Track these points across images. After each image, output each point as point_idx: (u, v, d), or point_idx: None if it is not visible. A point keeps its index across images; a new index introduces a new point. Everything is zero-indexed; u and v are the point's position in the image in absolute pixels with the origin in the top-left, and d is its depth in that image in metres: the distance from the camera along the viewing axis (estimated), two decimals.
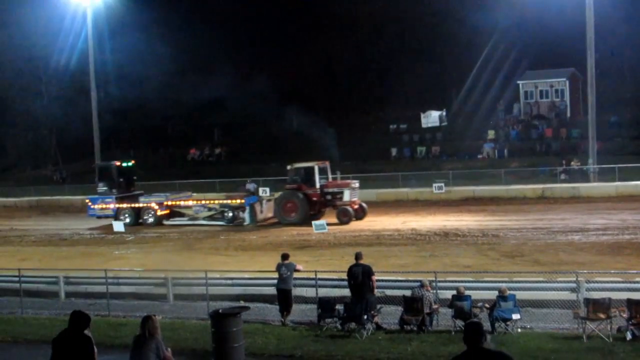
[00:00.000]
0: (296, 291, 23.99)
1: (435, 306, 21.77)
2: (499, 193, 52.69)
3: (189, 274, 28.07)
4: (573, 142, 66.19)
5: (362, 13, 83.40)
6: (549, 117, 73.65)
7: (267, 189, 50.58)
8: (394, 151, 73.11)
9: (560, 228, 38.05)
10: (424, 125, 72.79)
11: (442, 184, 53.00)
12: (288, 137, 78.31)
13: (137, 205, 49.22)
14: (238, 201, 47.18)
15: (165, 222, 48.39)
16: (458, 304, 21.24)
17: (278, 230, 43.44)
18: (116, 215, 48.96)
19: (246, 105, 78.74)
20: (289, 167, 46.94)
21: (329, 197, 45.96)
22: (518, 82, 76.29)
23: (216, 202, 47.96)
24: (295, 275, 23.68)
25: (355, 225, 43.60)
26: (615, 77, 74.65)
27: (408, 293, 22.04)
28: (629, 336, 19.30)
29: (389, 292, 23.60)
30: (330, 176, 47.29)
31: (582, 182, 52.87)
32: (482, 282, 24.09)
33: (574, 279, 22.70)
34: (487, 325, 20.23)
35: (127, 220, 48.31)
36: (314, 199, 45.66)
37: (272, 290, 23.96)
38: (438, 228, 40.27)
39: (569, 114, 74.38)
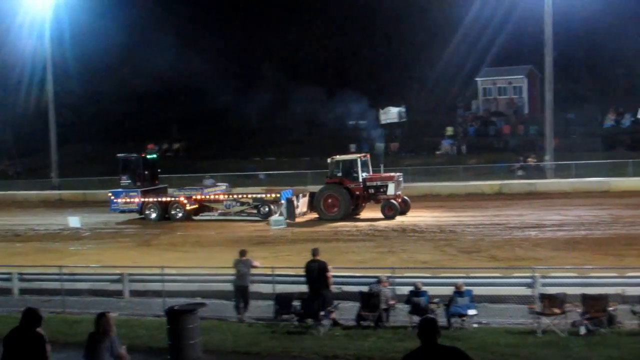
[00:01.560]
0: (253, 287, 23.83)
1: (392, 302, 21.75)
2: (457, 189, 52.91)
3: (146, 270, 27.86)
4: (530, 138, 66.72)
5: (323, 8, 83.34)
6: (507, 114, 74.16)
7: (225, 184, 50.14)
8: (352, 147, 73.07)
9: (516, 224, 38.31)
10: (382, 122, 72.90)
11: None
12: (248, 133, 78.17)
13: (164, 199, 47.43)
14: (273, 195, 45.41)
15: (195, 217, 46.76)
16: (415, 299, 21.24)
17: (235, 226, 43.16)
18: (141, 210, 47.37)
19: (205, 101, 78.41)
20: (329, 160, 45.26)
21: (372, 190, 43.82)
22: (477, 79, 76.72)
23: (249, 196, 46.24)
24: (253, 271, 23.55)
25: (311, 221, 43.51)
26: (573, 75, 75.27)
27: (365, 289, 22.02)
28: (583, 331, 19.42)
29: (346, 288, 23.53)
30: (370, 169, 45.37)
31: (539, 179, 53.27)
32: (439, 277, 24.12)
33: (530, 274, 22.80)
34: (443, 321, 20.29)
35: (154, 215, 46.89)
36: (357, 193, 43.72)
37: (230, 287, 23.79)
38: (396, 224, 40.38)
39: (526, 111, 74.98)
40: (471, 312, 20.79)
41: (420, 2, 79.11)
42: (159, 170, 51.25)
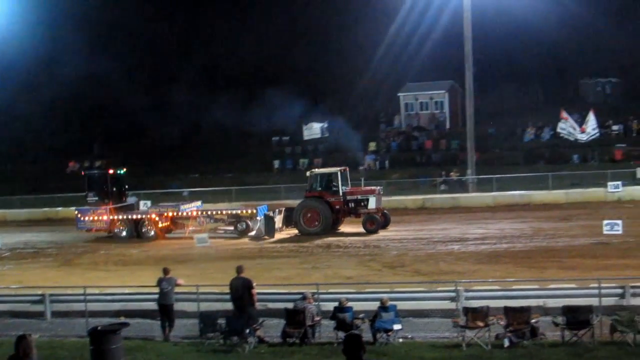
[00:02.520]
0: (178, 306, 23.66)
1: (317, 318, 21.77)
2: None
3: (68, 290, 27.42)
4: (452, 153, 67.43)
5: (244, 22, 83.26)
6: (429, 129, 74.85)
7: (149, 202, 49.49)
8: (276, 163, 73.23)
9: (440, 238, 38.61)
10: (306, 137, 73.03)
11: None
12: (170, 150, 77.66)
13: (134, 216, 45.33)
14: (249, 212, 43.98)
15: (168, 235, 44.79)
16: (340, 315, 21.28)
17: (159, 244, 42.74)
18: (110, 228, 45.50)
19: (127, 117, 77.68)
20: (308, 174, 44.75)
21: (352, 204, 42.97)
22: (399, 94, 77.34)
23: (224, 212, 44.98)
24: (177, 289, 23.38)
25: (237, 239, 43.27)
26: (493, 90, 76.36)
27: (290, 306, 21.99)
28: (506, 343, 19.66)
29: (271, 305, 23.50)
30: (349, 183, 44.71)
31: (461, 193, 53.81)
32: (364, 293, 24.23)
33: (454, 288, 23.04)
34: (369, 336, 20.34)
35: (124, 233, 44.82)
36: (337, 207, 42.76)
37: (154, 306, 23.59)
38: (320, 240, 40.37)
39: (448, 126, 75.77)
40: (396, 327, 20.89)
41: (343, 18, 79.65)
42: (126, 187, 49.52)
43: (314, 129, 70.53)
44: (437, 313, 22.78)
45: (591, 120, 54.83)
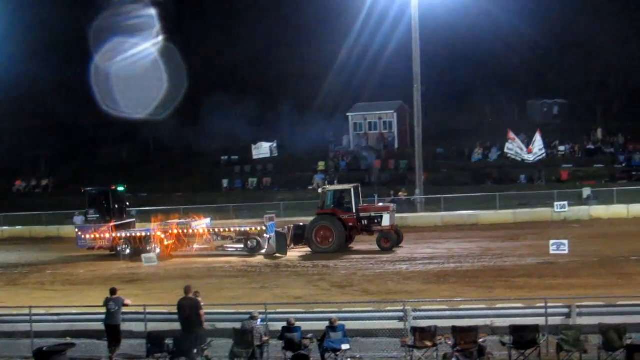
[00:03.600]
0: (125, 326, 23.45)
1: (265, 338, 21.69)
2: None
3: (13, 310, 27.00)
4: (401, 173, 67.70)
5: (196, 44, 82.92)
6: (378, 149, 75.10)
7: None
8: (225, 182, 73.05)
9: (388, 258, 38.71)
10: (255, 157, 72.96)
11: (274, 215, 53.01)
12: (118, 168, 77.08)
13: (138, 234, 44.31)
14: (258, 229, 42.86)
15: (174, 254, 43.47)
16: (288, 335, 21.24)
17: (107, 264, 42.29)
18: (112, 246, 44.39)
19: (75, 136, 77.07)
20: (320, 191, 44.04)
21: (365, 221, 42.10)
22: (348, 114, 77.57)
23: (232, 230, 43.87)
24: (124, 309, 23.17)
25: (184, 258, 42.91)
26: (441, 110, 76.92)
27: (238, 325, 21.88)
28: None
29: (219, 325, 23.33)
30: (361, 199, 43.74)
31: (409, 212, 53.95)
32: (312, 312, 24.16)
33: (402, 307, 23.06)
34: (317, 356, 20.31)
35: (127, 251, 43.77)
36: (350, 224, 41.92)
37: (101, 326, 23.34)
38: (270, 260, 40.28)
39: (396, 146, 76.08)
40: (344, 346, 20.87)
41: (293, 38, 79.82)
42: (127, 204, 48.70)
43: (263, 149, 70.50)
44: (385, 333, 22.77)
45: (538, 141, 55.49)
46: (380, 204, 44.30)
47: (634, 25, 74.16)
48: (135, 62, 72.55)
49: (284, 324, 21.70)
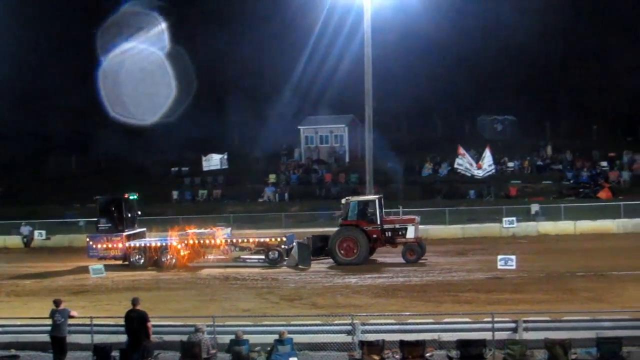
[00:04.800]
0: (71, 338, 23.18)
1: (212, 351, 21.58)
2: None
3: None
4: (351, 186, 67.80)
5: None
6: (329, 162, 75.24)
7: (44, 232, 48.34)
8: (175, 194, 72.65)
9: (337, 271, 38.74)
10: (205, 169, 72.67)
11: (223, 226, 52.80)
12: (66, 178, 76.44)
13: (153, 244, 43.49)
14: (278, 240, 42.19)
15: (191, 265, 42.64)
16: (236, 348, 21.17)
17: (54, 275, 41.78)
18: (125, 256, 43.30)
19: (25, 145, 76.26)
20: (343, 201, 43.24)
21: (389, 233, 41.64)
22: (299, 127, 77.63)
23: (250, 241, 42.94)
24: (70, 321, 22.90)
25: (133, 269, 42.55)
26: (392, 124, 77.30)
27: (186, 338, 21.76)
28: None
29: (166, 338, 23.22)
30: (383, 211, 42.89)
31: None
32: (261, 325, 24.08)
33: (350, 321, 23.07)
34: None
35: (142, 261, 42.82)
36: (374, 235, 41.35)
37: (46, 338, 23.05)
38: (218, 272, 40.11)
39: (347, 159, 76.27)
40: None
41: (241, 49, 79.73)
42: (138, 213, 47.58)
43: (213, 160, 70.23)
44: (333, 346, 22.75)
45: (487, 157, 55.88)
46: (405, 217, 43.66)
47: (582, 45, 75.24)
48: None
49: (232, 336, 21.62)
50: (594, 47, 75.04)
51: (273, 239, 42.45)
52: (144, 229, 46.94)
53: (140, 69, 74.09)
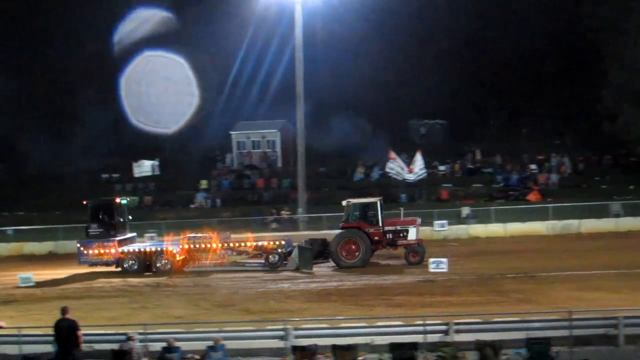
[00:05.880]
0: None
1: (144, 359, 21.40)
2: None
3: None
4: (284, 191, 67.79)
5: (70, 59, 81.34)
6: (261, 167, 75.11)
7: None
8: None
9: (270, 277, 38.69)
10: (136, 175, 72.12)
11: (154, 234, 52.33)
12: None
13: (147, 249, 42.54)
14: (276, 243, 41.63)
15: (187, 269, 41.97)
16: (168, 356, 21.03)
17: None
18: (118, 262, 42.17)
19: None
20: (344, 204, 42.34)
21: (390, 235, 41.22)
22: (231, 132, 77.36)
23: (248, 244, 42.18)
24: None
25: (62, 277, 41.96)
26: (324, 129, 77.41)
27: (117, 347, 21.54)
28: None
29: (97, 347, 22.96)
30: (383, 213, 42.19)
31: (292, 231, 53.87)
32: (193, 332, 23.94)
33: (283, 326, 23.06)
34: None
35: (135, 267, 41.80)
36: (376, 238, 40.84)
37: None
38: (150, 279, 39.78)
39: (280, 165, 76.22)
40: None
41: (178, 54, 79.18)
42: (130, 218, 46.46)
43: (144, 167, 69.77)
44: (266, 352, 22.74)
45: (418, 161, 56.43)
46: (406, 218, 43.29)
47: (510, 49, 76.19)
48: None
49: (164, 344, 21.46)
50: (523, 51, 75.98)
51: (271, 243, 42.05)
52: (135, 234, 46.20)
53: None
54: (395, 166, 57.13)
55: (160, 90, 75.62)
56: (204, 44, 72.92)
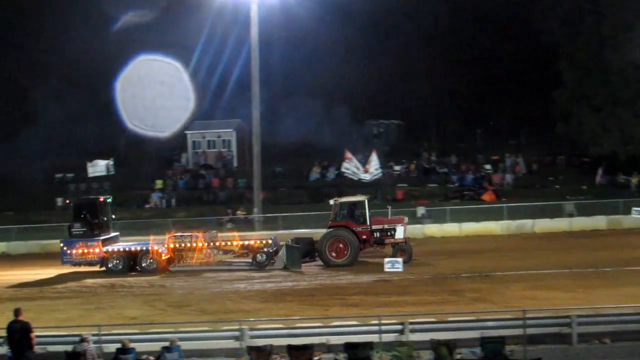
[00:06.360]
0: None
1: None
2: None
3: None
4: (239, 191, 67.66)
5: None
6: (217, 167, 74.88)
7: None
8: (59, 201, 71.16)
9: (226, 277, 38.58)
10: (90, 175, 71.55)
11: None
12: None
13: (132, 248, 42.05)
14: (263, 242, 41.59)
15: (173, 269, 41.34)
16: (122, 357, 20.89)
17: None
18: (103, 262, 41.60)
19: None
20: (332, 202, 42.33)
21: (377, 234, 41.18)
22: (186, 132, 77.03)
23: (234, 243, 42.13)
24: None
25: (16, 278, 41.48)
26: (279, 129, 77.33)
27: (70, 348, 21.37)
28: None
29: (51, 348, 22.76)
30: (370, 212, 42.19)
31: (247, 231, 53.82)
32: (148, 333, 23.82)
33: (238, 327, 23.02)
34: None
35: (120, 267, 41.38)
36: (364, 236, 40.88)
37: None
38: (105, 280, 39.50)
39: (235, 164, 76.06)
40: None
41: (131, 55, 78.67)
42: (113, 217, 46.02)
43: (98, 166, 69.27)
44: (221, 353, 22.69)
45: (374, 161, 56.58)
46: (394, 217, 43.13)
47: (463, 50, 76.75)
48: None
49: (119, 345, 21.33)
50: (478, 52, 76.53)
51: (258, 242, 41.96)
52: (117, 233, 45.78)
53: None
54: (351, 166, 57.24)
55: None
56: (160, 43, 72.46)
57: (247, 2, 52.93)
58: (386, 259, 36.66)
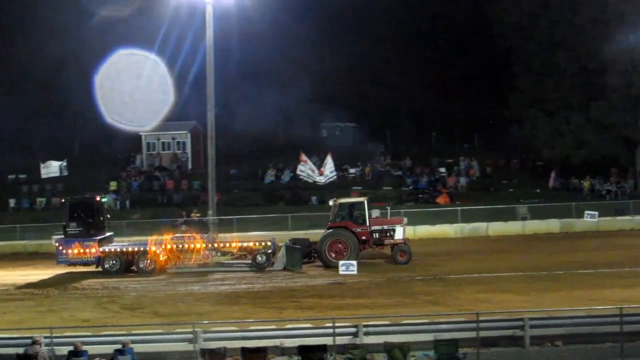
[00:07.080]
0: None
1: None
2: None
3: None
4: (194, 193, 67.42)
5: None
6: (171, 169, 74.55)
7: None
8: (12, 202, 70.46)
9: (179, 279, 38.45)
10: (43, 176, 70.75)
11: (63, 236, 51.45)
12: None
13: (129, 249, 41.61)
14: (262, 244, 41.43)
15: (170, 270, 41.08)
16: None
17: None
18: (99, 262, 41.09)
19: None
20: (331, 203, 42.27)
21: (376, 235, 41.07)
22: (141, 133, 76.58)
23: (233, 245, 42.05)
24: None
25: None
26: (235, 131, 77.18)
27: (21, 351, 21.16)
28: None
29: (1, 351, 22.58)
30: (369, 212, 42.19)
31: (202, 233, 53.64)
32: (100, 336, 23.67)
33: (192, 329, 22.93)
34: None
35: (117, 267, 40.93)
36: (363, 237, 40.72)
37: None
38: (56, 281, 39.16)
39: (190, 166, 75.77)
40: None
41: (84, 57, 78.09)
42: (108, 217, 45.73)
43: (52, 168, 68.49)
44: (174, 355, 22.61)
45: (329, 164, 56.51)
46: (393, 218, 43.34)
47: (417, 53, 77.17)
48: None
49: (71, 348, 21.16)
50: (433, 55, 77.00)
51: (257, 243, 41.83)
52: (112, 233, 45.30)
53: None
54: (305, 168, 57.14)
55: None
56: (112, 42, 71.96)
57: (202, 3, 52.74)
58: (341, 262, 36.69)
